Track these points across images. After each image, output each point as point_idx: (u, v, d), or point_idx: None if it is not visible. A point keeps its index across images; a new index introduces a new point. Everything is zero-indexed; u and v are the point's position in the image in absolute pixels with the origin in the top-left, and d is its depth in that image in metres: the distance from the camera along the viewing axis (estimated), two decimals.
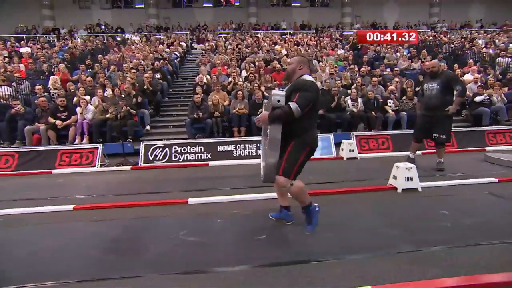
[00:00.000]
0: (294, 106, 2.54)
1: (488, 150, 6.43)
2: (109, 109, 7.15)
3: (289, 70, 2.85)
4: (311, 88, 2.63)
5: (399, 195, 4.07)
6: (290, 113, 2.54)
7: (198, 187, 4.63)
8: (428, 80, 5.04)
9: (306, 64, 2.85)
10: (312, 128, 2.78)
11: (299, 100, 2.55)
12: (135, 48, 13.56)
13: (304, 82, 2.67)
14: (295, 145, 2.70)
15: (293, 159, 2.69)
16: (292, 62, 2.86)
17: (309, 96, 2.59)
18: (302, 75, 2.78)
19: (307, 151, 2.73)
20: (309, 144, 2.73)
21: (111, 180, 5.30)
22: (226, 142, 6.36)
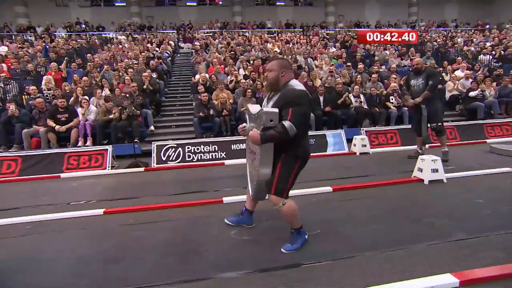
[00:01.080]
0: (288, 126, 2.25)
1: (488, 142, 6.77)
2: (113, 109, 6.90)
3: (271, 79, 2.47)
4: (304, 101, 2.35)
5: (427, 186, 4.20)
6: (285, 134, 2.27)
7: (225, 185, 4.57)
8: (413, 77, 5.44)
9: (288, 68, 2.49)
10: (303, 140, 2.49)
11: (293, 118, 2.26)
12: (124, 47, 13.14)
13: (296, 94, 2.36)
14: (286, 159, 2.46)
15: (285, 175, 2.46)
16: (272, 69, 2.46)
17: (304, 111, 2.34)
18: (287, 82, 2.45)
19: (299, 164, 2.51)
20: (300, 157, 2.49)
21: (129, 182, 5.13)
22: (240, 140, 6.30)
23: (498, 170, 4.64)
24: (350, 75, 9.65)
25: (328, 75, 9.04)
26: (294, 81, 2.49)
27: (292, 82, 2.46)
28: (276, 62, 2.49)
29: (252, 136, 2.31)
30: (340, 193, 4.06)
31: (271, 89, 2.52)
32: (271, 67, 2.48)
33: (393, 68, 9.64)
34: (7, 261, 2.64)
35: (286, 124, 2.26)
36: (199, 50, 12.33)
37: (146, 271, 2.40)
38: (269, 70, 2.50)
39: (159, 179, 5.24)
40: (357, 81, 8.49)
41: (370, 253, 2.50)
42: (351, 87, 8.68)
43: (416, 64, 5.38)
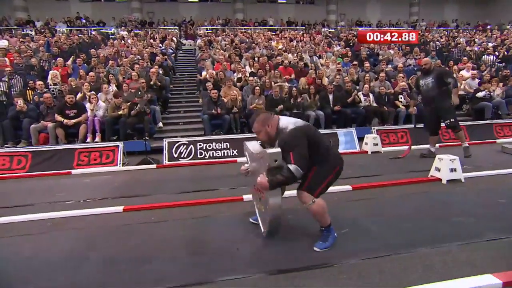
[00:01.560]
0: (294, 168, 2.32)
1: (498, 142, 6.81)
2: (122, 105, 6.82)
3: (265, 138, 2.56)
4: (300, 138, 2.41)
5: (445, 186, 4.20)
6: (292, 177, 2.34)
7: (242, 183, 4.53)
8: (422, 77, 5.44)
9: (268, 117, 2.55)
10: (329, 151, 2.58)
11: (295, 159, 2.33)
12: (127, 42, 13.00)
13: (290, 136, 2.42)
14: (322, 166, 2.54)
15: (320, 177, 2.53)
16: (259, 130, 2.53)
17: (303, 149, 2.39)
18: (276, 128, 2.51)
19: (336, 170, 2.58)
20: (338, 164, 2.59)
21: (143, 179, 5.07)
22: (252, 138, 6.23)
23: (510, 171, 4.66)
24: (357, 73, 9.64)
25: (336, 74, 9.00)
26: (281, 121, 2.54)
27: (280, 124, 2.51)
28: (257, 122, 2.54)
29: (261, 183, 2.37)
30: (360, 192, 4.05)
31: (270, 143, 2.59)
32: (257, 129, 2.55)
33: (400, 68, 9.64)
34: (33, 259, 2.59)
35: (292, 168, 2.32)
36: (203, 47, 12.23)
37: (179, 271, 2.36)
38: (258, 132, 2.56)
39: (173, 176, 5.19)
40: (366, 79, 8.47)
41: (405, 252, 2.49)
42: (359, 85, 8.68)
43: (424, 64, 5.38)
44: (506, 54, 13.26)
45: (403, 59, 11.81)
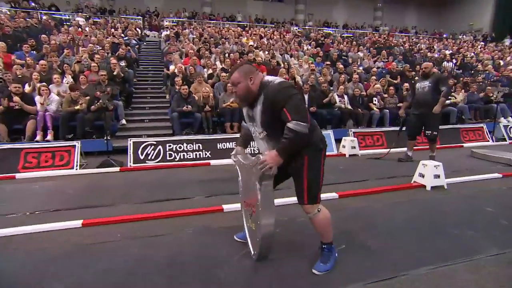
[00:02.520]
0: (295, 126, 1.92)
1: (465, 146, 7.05)
2: (79, 99, 6.05)
3: (242, 92, 2.09)
4: (290, 90, 2.00)
5: (430, 193, 4.12)
6: (298, 136, 1.94)
7: (221, 190, 4.12)
8: (419, 80, 5.44)
9: (254, 71, 2.11)
10: (314, 127, 2.16)
11: (293, 114, 1.93)
12: (85, 30, 11.86)
13: (279, 89, 1.99)
14: (310, 160, 2.12)
15: (315, 179, 2.15)
16: (238, 81, 2.08)
17: (297, 100, 1.97)
18: (261, 83, 2.09)
19: (323, 156, 2.19)
20: (322, 147, 2.18)
21: (104, 185, 4.45)
22: (226, 139, 5.84)
23: (489, 176, 4.72)
24: (330, 74, 9.57)
25: (310, 74, 8.83)
26: (267, 77, 2.14)
27: (266, 79, 2.11)
28: (238, 72, 2.10)
29: (271, 158, 2.00)
30: (347, 200, 3.82)
31: (247, 101, 2.15)
32: (237, 79, 2.10)
33: (374, 71, 9.72)
34: None
35: (292, 125, 1.93)
36: (171, 39, 11.50)
37: None
38: (235, 83, 2.11)
39: (140, 181, 4.62)
40: (341, 80, 8.39)
41: (415, 272, 2.26)
42: (333, 86, 8.59)
43: (424, 68, 5.32)
44: (463, 62, 14.07)
45: (371, 61, 12.01)
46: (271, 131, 2.11)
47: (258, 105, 2.07)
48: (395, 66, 10.47)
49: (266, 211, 2.09)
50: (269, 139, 2.15)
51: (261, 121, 2.10)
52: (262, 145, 2.24)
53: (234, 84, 2.13)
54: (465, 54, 15.59)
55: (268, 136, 2.15)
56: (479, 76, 11.83)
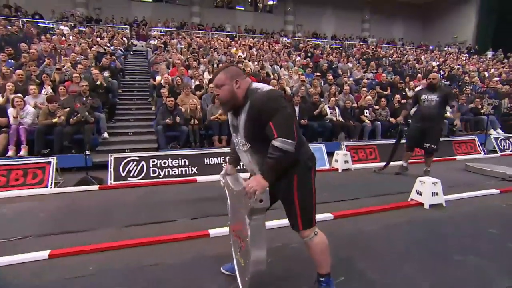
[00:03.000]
0: (281, 144, 1.72)
1: (458, 159, 6.95)
2: (57, 111, 5.69)
3: (226, 96, 1.89)
4: (281, 102, 1.78)
5: (429, 212, 3.91)
6: (285, 155, 1.74)
7: (207, 211, 3.82)
8: (425, 92, 5.25)
9: (241, 74, 1.92)
10: (302, 143, 1.95)
11: (280, 130, 1.72)
12: (68, 39, 11.49)
13: (268, 98, 1.78)
14: (300, 179, 1.92)
15: (308, 201, 1.95)
16: (223, 83, 1.88)
17: (285, 113, 1.76)
18: (247, 88, 1.88)
19: (313, 174, 1.99)
20: (311, 165, 1.97)
21: (80, 206, 4.09)
22: (214, 154, 5.55)
23: (487, 192, 4.56)
24: (320, 85, 9.44)
25: (300, 85, 8.67)
26: (255, 84, 1.93)
27: (254, 85, 1.90)
28: (224, 74, 1.90)
29: (258, 183, 1.74)
30: (343, 221, 3.58)
31: (230, 107, 1.95)
32: (221, 81, 1.89)
33: (365, 83, 9.64)
34: None
35: (277, 143, 1.74)
36: (158, 49, 11.23)
37: None
38: (219, 86, 1.90)
39: (120, 201, 4.28)
40: (331, 92, 8.25)
41: None
42: (324, 98, 8.44)
43: (432, 78, 5.13)
44: (450, 73, 14.23)
45: (361, 73, 11.98)
46: (255, 143, 1.89)
47: (243, 113, 1.87)
48: (385, 78, 10.43)
49: (256, 248, 1.81)
50: (253, 152, 1.94)
51: (245, 131, 1.89)
52: (245, 158, 2.02)
53: (217, 86, 1.92)
54: (452, 66, 15.83)
55: (251, 148, 1.93)
56: (466, 87, 11.91)
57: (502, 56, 19.62)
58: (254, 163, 1.96)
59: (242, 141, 1.95)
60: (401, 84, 10.35)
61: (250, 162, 2.00)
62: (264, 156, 1.79)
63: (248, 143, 1.92)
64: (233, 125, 2.02)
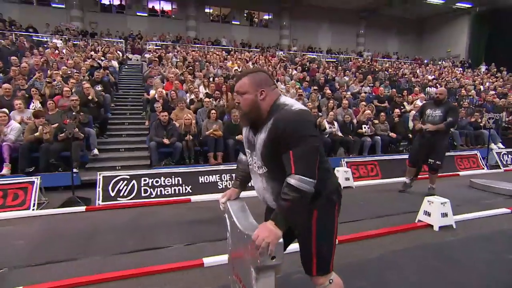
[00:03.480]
0: (298, 183, 1.42)
1: (461, 174, 6.75)
2: (44, 128, 5.41)
3: (247, 107, 1.58)
4: (308, 127, 1.48)
5: (438, 234, 3.67)
6: (302, 197, 1.43)
7: (202, 236, 3.53)
8: (431, 106, 5.14)
9: (269, 83, 1.60)
10: (327, 172, 1.65)
11: (298, 164, 1.44)
12: (61, 52, 11.31)
13: (292, 119, 1.48)
14: (321, 216, 1.63)
15: (326, 243, 1.67)
16: (245, 91, 1.57)
17: (312, 145, 1.45)
18: (273, 103, 1.57)
19: (337, 211, 1.69)
20: (336, 200, 1.68)
21: (64, 230, 3.77)
22: (209, 171, 5.29)
23: (497, 212, 4.34)
24: (318, 99, 9.30)
25: (298, 99, 8.50)
26: (284, 98, 1.62)
27: (282, 100, 1.59)
28: (248, 79, 1.58)
29: (270, 234, 1.41)
30: (347, 247, 3.30)
31: (250, 121, 1.64)
32: (243, 89, 1.59)
33: (363, 96, 9.51)
34: None
35: (294, 181, 1.43)
36: (152, 63, 11.07)
37: None
38: (240, 93, 1.60)
39: (108, 224, 3.97)
40: (329, 106, 8.09)
41: None
42: (323, 112, 8.26)
43: (440, 94, 5.01)
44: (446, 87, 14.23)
45: (358, 86, 11.90)
46: (274, 168, 1.58)
47: (263, 131, 1.56)
48: (383, 91, 10.34)
49: None
50: (269, 179, 1.64)
51: (262, 153, 1.59)
52: (259, 183, 1.72)
53: (239, 93, 1.61)
54: (448, 80, 15.88)
55: (268, 174, 1.63)
56: (464, 101, 11.86)
57: (495, 70, 19.81)
58: (269, 191, 1.66)
59: (259, 163, 1.65)
60: (399, 98, 10.24)
61: (264, 189, 1.70)
62: (282, 184, 1.50)
63: (266, 167, 1.63)
64: (248, 140, 1.70)
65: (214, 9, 23.42)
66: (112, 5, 21.17)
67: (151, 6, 21.95)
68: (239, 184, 1.96)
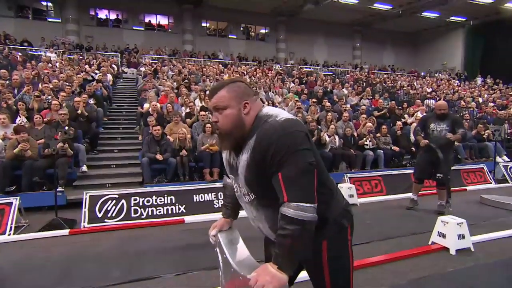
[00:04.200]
0: (295, 212, 1.13)
1: (468, 189, 6.46)
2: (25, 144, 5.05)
3: (227, 123, 1.29)
4: (298, 139, 1.19)
5: (456, 258, 3.33)
6: (306, 227, 1.15)
7: (196, 263, 3.17)
8: (434, 120, 4.92)
9: (251, 93, 1.34)
10: (330, 191, 1.37)
11: (291, 189, 1.15)
12: (54, 65, 11.07)
13: (277, 133, 1.18)
14: (332, 247, 1.35)
15: (342, 278, 1.40)
16: (225, 104, 1.27)
17: (304, 161, 1.17)
18: (256, 115, 1.29)
19: (350, 235, 1.41)
20: (347, 223, 1.39)
21: (43, 258, 3.39)
22: (204, 189, 4.95)
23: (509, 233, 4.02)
24: (317, 112, 9.07)
25: (296, 112, 8.26)
26: (267, 108, 1.34)
27: (265, 111, 1.31)
28: (227, 91, 1.28)
29: (272, 280, 1.11)
30: (358, 274, 2.95)
31: (234, 142, 1.32)
32: (222, 103, 1.28)
33: (363, 109, 9.29)
34: None
35: (290, 212, 1.13)
36: (147, 76, 10.84)
37: None
38: (219, 108, 1.29)
39: (92, 251, 3.60)
40: (328, 119, 7.84)
41: None
42: (321, 125, 8.01)
43: (443, 109, 4.77)
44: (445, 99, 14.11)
45: (357, 99, 11.73)
46: (263, 193, 1.30)
47: (245, 151, 1.27)
48: (382, 103, 10.15)
49: None
50: (259, 206, 1.34)
51: (246, 178, 1.30)
52: (249, 212, 1.43)
53: (217, 109, 1.30)
54: (447, 92, 15.79)
55: (258, 200, 1.33)
56: (464, 113, 11.69)
57: (492, 82, 19.83)
58: (262, 220, 1.37)
59: (243, 190, 1.36)
60: (399, 110, 10.04)
61: (255, 218, 1.41)
62: (276, 211, 1.20)
63: (253, 193, 1.33)
64: (230, 165, 1.41)
65: (211, 23, 23.51)
66: (109, 19, 21.15)
67: (147, 20, 21.98)
68: (230, 212, 1.64)
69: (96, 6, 20.36)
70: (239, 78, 1.43)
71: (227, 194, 1.64)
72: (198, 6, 20.97)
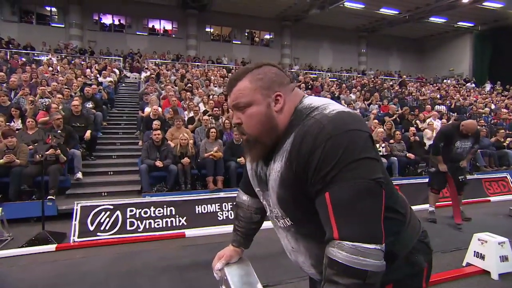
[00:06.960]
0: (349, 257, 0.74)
1: (492, 200, 6.01)
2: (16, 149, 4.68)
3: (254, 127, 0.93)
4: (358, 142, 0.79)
5: (501, 285, 2.87)
6: (369, 284, 0.74)
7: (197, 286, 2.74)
8: (459, 138, 4.63)
9: (282, 78, 0.95)
10: (403, 217, 0.97)
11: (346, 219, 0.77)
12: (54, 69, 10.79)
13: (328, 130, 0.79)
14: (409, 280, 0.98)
15: None
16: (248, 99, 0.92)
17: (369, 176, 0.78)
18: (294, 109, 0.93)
19: (425, 278, 1.00)
20: (424, 261, 0.99)
21: (19, 281, 2.97)
22: (207, 199, 4.52)
23: None
24: None
25: None
26: (310, 98, 0.95)
27: (306, 102, 0.93)
28: (250, 81, 0.92)
29: None
30: None
31: (265, 149, 0.94)
32: (244, 98, 0.92)
33: (374, 114, 8.86)
34: None
35: (342, 256, 0.75)
36: (149, 80, 10.51)
37: None
38: (241, 105, 0.93)
39: (79, 271, 3.17)
40: None
41: None
42: None
43: (471, 129, 4.41)
44: (456, 105, 13.67)
45: (365, 104, 11.32)
46: (302, 218, 0.93)
47: (279, 159, 0.90)
48: (394, 109, 9.74)
49: None
50: (299, 236, 0.98)
51: (278, 195, 0.92)
52: (284, 240, 1.05)
53: (238, 107, 0.94)
54: (457, 98, 15.34)
55: (296, 228, 0.96)
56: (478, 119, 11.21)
57: (501, 89, 19.33)
58: (302, 254, 0.98)
59: (277, 212, 0.97)
60: (411, 116, 9.60)
61: (293, 250, 1.02)
62: (322, 245, 0.81)
63: (289, 218, 0.95)
64: (258, 175, 1.01)
65: (215, 28, 23.29)
66: (112, 24, 21.01)
67: (151, 25, 21.81)
68: (241, 240, 1.23)
69: (99, 11, 20.23)
70: (268, 61, 0.98)
71: (241, 216, 1.24)
72: (203, 11, 20.78)
